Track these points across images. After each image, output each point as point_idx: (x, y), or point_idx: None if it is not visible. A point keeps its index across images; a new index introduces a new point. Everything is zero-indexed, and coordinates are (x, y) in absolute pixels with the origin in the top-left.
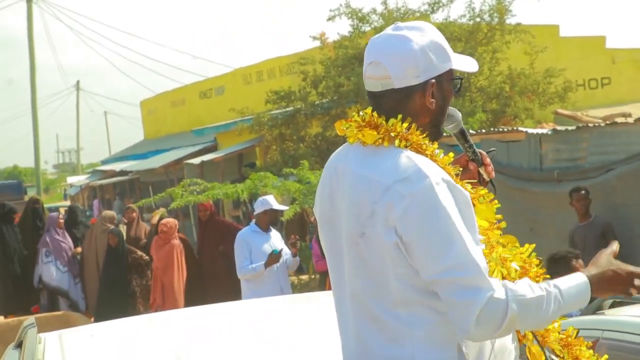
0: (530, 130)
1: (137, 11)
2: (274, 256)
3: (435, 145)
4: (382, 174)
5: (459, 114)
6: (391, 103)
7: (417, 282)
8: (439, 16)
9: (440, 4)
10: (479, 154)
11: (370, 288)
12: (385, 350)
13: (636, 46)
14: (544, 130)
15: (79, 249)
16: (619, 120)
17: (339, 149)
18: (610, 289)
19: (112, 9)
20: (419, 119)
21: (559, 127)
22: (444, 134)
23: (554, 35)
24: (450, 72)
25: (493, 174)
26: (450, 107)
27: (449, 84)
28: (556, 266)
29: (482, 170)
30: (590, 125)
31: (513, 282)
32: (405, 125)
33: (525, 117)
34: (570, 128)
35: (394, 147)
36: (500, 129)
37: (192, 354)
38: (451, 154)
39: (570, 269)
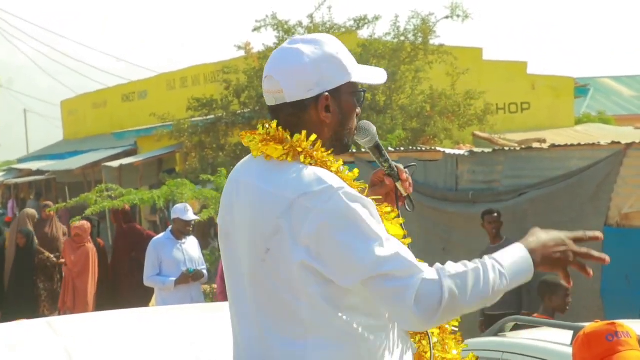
0: (447, 151)
1: (62, 10)
2: (187, 276)
3: (341, 162)
4: (286, 188)
5: (373, 128)
6: (286, 117)
7: (329, 298)
8: (364, 33)
9: (366, 21)
10: (395, 168)
11: (275, 305)
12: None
13: (556, 73)
14: (461, 152)
15: None
16: (534, 145)
17: (242, 161)
18: (552, 255)
19: (37, 7)
20: (319, 133)
21: (475, 149)
22: (363, 150)
23: (477, 58)
24: (350, 85)
25: (411, 189)
26: (363, 121)
27: (349, 97)
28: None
29: (399, 186)
30: (506, 148)
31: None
32: (310, 140)
33: (444, 137)
34: (486, 150)
35: (298, 162)
36: (419, 148)
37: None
38: (356, 170)
39: None
